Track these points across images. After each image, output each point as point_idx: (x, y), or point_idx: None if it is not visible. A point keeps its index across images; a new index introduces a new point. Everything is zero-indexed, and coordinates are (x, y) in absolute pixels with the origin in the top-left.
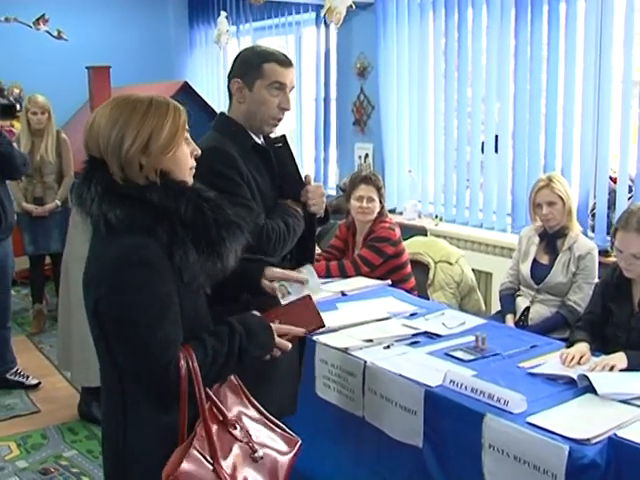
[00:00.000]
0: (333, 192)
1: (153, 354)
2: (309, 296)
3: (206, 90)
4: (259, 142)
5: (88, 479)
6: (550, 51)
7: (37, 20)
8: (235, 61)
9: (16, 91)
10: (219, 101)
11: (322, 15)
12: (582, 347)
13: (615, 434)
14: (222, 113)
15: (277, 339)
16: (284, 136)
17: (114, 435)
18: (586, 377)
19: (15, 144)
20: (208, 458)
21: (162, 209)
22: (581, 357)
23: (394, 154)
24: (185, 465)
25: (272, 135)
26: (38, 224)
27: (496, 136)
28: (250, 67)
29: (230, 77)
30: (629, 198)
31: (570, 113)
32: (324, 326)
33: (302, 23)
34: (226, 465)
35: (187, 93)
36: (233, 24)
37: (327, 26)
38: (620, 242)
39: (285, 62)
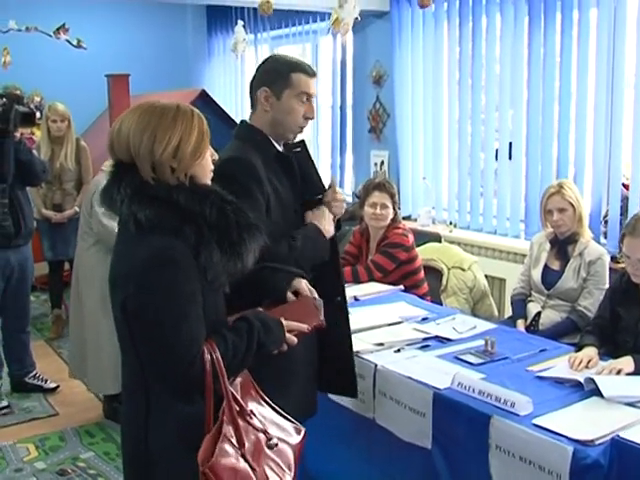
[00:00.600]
0: (349, 199)
1: (179, 351)
2: (308, 296)
3: (223, 98)
4: (281, 150)
5: (105, 479)
6: (563, 59)
7: (57, 29)
8: (260, 70)
9: (37, 99)
10: (236, 109)
11: (328, 27)
12: (590, 351)
13: (618, 435)
14: (244, 121)
15: (286, 334)
16: (303, 141)
17: (135, 435)
18: (592, 380)
19: (35, 151)
20: (235, 443)
21: (189, 210)
22: (589, 361)
23: (409, 161)
24: (218, 453)
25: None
26: (57, 230)
27: (510, 143)
28: (278, 76)
29: (255, 85)
30: None
31: (582, 120)
32: (324, 326)
33: (319, 32)
34: (247, 451)
35: (204, 101)
36: (251, 32)
37: (334, 37)
38: (628, 247)
39: (311, 72)
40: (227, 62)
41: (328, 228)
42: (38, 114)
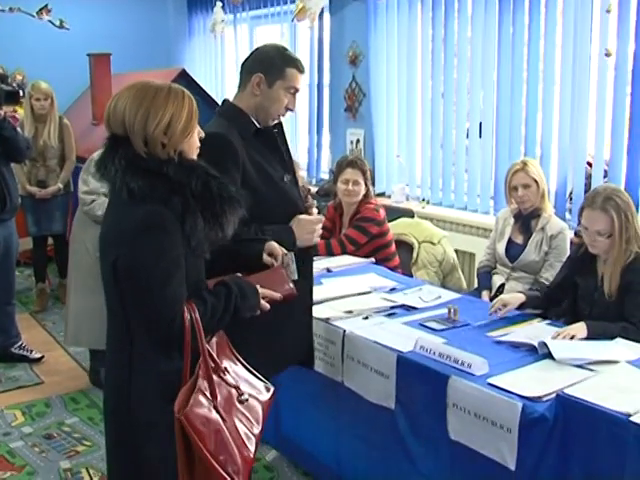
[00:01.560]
0: (326, 176)
1: (162, 309)
2: (280, 267)
3: (203, 77)
4: (260, 127)
5: (89, 443)
6: (531, 41)
7: (40, 10)
8: (257, 55)
9: (19, 77)
10: (216, 88)
11: (292, 18)
12: (514, 296)
13: (563, 392)
14: (226, 100)
15: (261, 301)
16: (280, 123)
17: (119, 389)
18: (545, 344)
19: (19, 129)
20: (208, 396)
21: (177, 182)
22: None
23: (384, 140)
24: (193, 403)
25: None
26: (41, 206)
27: (480, 123)
28: (274, 67)
29: (249, 68)
30: (605, 182)
31: (550, 101)
32: (295, 295)
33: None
34: (219, 404)
35: (185, 80)
36: (230, 12)
37: (320, 15)
38: (586, 219)
39: (303, 70)
40: (207, 42)
41: (306, 237)
42: (22, 92)
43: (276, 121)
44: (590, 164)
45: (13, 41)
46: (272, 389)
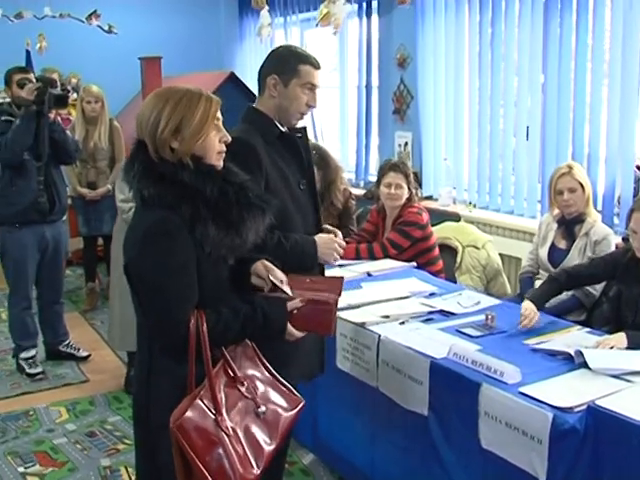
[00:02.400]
0: (374, 179)
1: (167, 312)
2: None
3: (255, 80)
4: (284, 131)
5: (130, 442)
6: (578, 42)
7: (89, 16)
8: (270, 58)
9: (74, 81)
10: None
11: (316, 23)
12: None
13: (594, 402)
14: (250, 106)
15: (290, 332)
16: (305, 128)
17: (139, 389)
18: (582, 353)
19: (69, 132)
20: (212, 409)
21: (190, 188)
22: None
23: (431, 143)
24: (189, 413)
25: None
26: (91, 207)
27: (527, 126)
28: (287, 66)
29: (264, 72)
30: None
31: (597, 103)
32: (331, 334)
33: (347, 15)
34: (230, 417)
35: (233, 83)
36: (281, 15)
37: (369, 17)
38: (635, 222)
39: (317, 65)
40: (257, 45)
41: (327, 252)
42: (75, 95)
43: (300, 120)
44: (639, 167)
45: (68, 46)
46: (302, 403)
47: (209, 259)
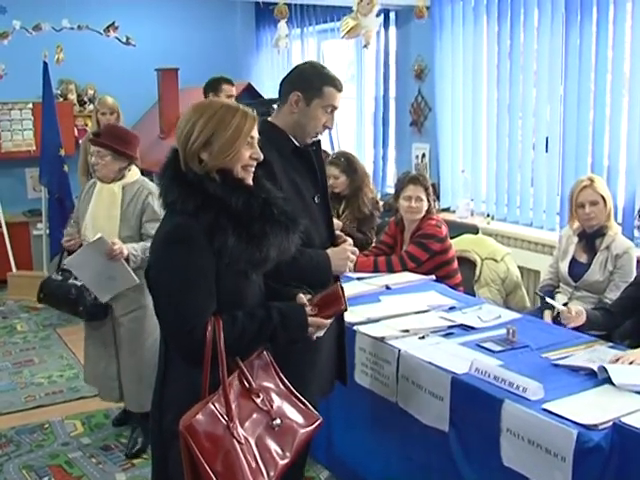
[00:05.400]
0: (391, 190)
1: (181, 317)
2: (340, 284)
3: (272, 92)
4: (299, 145)
5: (146, 456)
6: (598, 53)
7: (107, 28)
8: (296, 73)
9: (90, 92)
10: None
11: (341, 36)
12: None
13: (620, 420)
14: (265, 120)
15: (310, 331)
16: (319, 141)
17: (155, 388)
18: (605, 369)
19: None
20: (224, 415)
21: (213, 198)
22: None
23: (449, 154)
24: (200, 417)
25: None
26: None
27: (546, 137)
28: (312, 85)
29: (288, 87)
30: None
31: (617, 115)
32: (346, 309)
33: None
34: (244, 427)
35: (250, 94)
36: (297, 27)
37: (387, 29)
38: None
39: (341, 89)
40: (274, 56)
41: (340, 263)
42: (91, 106)
43: (314, 139)
44: None
45: (85, 57)
46: (319, 421)
47: (230, 271)
